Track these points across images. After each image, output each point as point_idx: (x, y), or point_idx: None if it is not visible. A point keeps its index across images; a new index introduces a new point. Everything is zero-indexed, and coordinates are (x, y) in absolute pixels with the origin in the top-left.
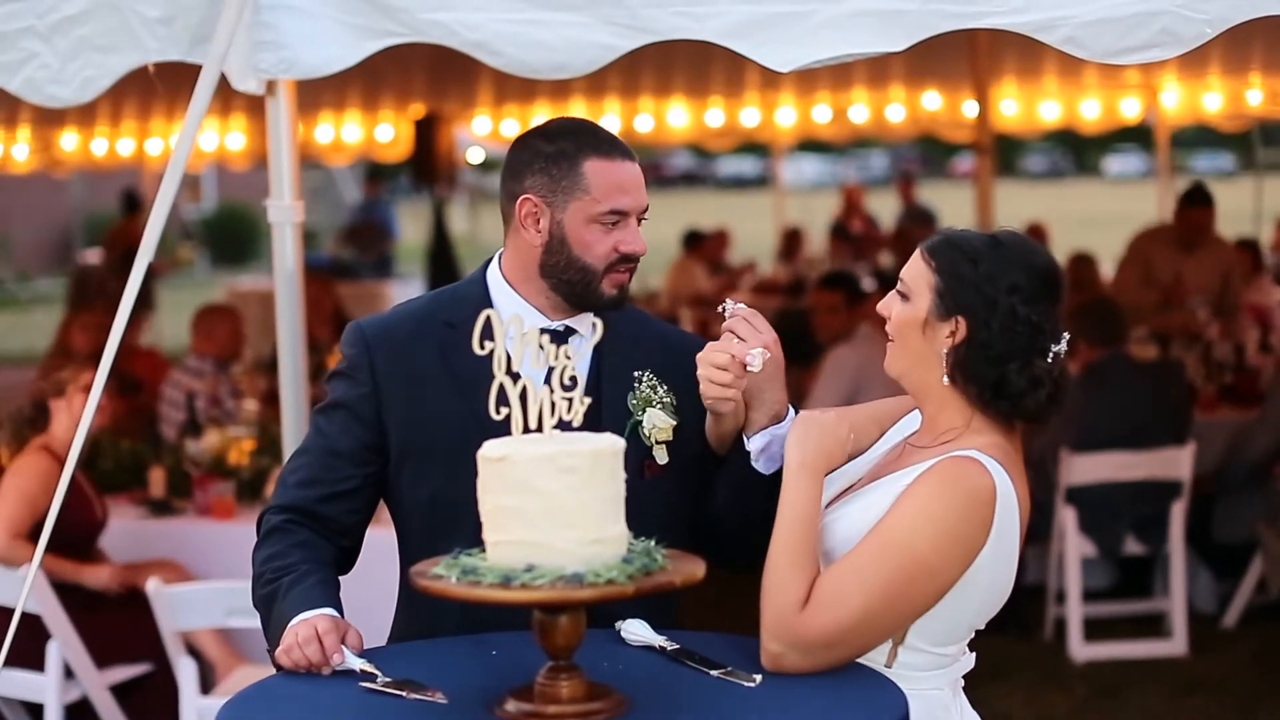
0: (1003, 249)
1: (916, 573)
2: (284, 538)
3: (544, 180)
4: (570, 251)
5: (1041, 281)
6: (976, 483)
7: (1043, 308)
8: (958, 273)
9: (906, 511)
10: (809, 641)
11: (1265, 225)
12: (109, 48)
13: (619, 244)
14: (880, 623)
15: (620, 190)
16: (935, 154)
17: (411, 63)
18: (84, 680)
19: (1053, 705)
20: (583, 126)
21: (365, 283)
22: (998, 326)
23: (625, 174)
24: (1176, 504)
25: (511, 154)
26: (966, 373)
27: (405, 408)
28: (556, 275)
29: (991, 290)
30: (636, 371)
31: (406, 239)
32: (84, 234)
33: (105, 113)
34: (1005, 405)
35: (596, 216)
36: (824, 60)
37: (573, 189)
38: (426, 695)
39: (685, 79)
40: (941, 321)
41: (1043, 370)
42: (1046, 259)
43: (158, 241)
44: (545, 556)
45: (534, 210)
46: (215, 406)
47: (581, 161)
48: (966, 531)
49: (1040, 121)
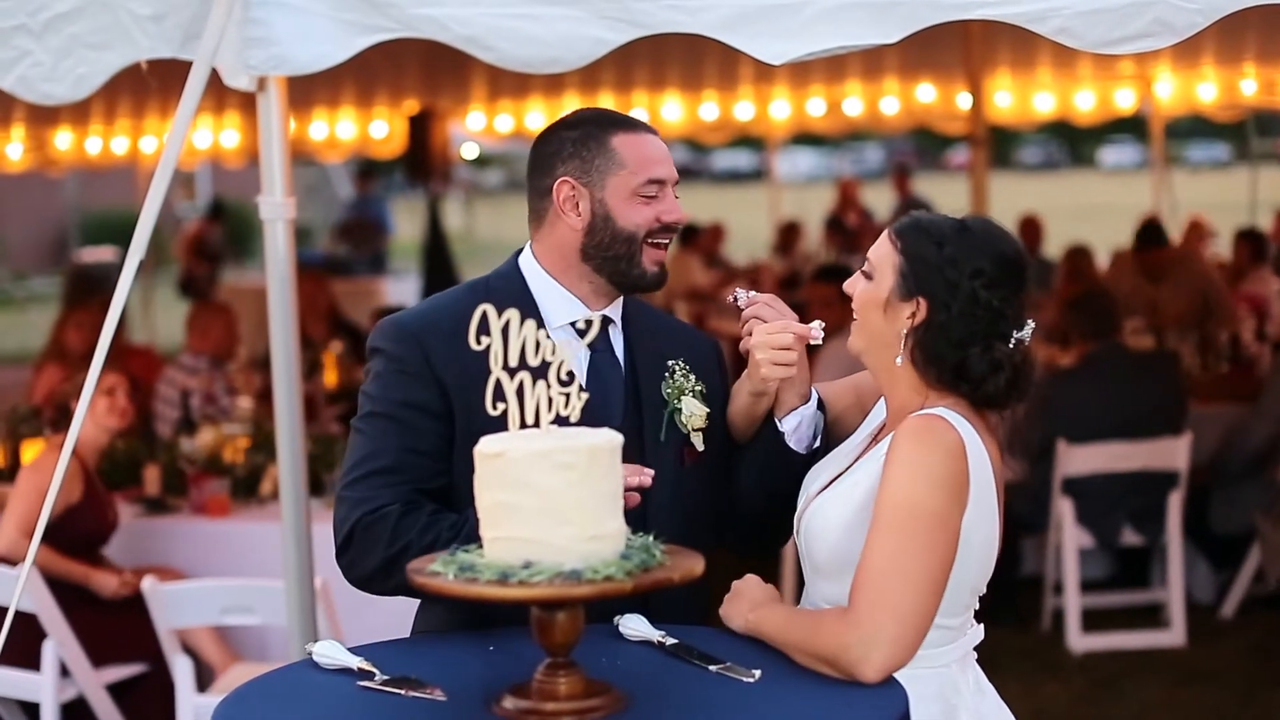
0: (969, 234)
1: (932, 524)
2: (416, 511)
3: (577, 164)
4: (615, 226)
5: (1006, 268)
6: (945, 435)
7: (1005, 294)
8: (922, 255)
9: (894, 475)
10: (874, 627)
11: (1260, 215)
12: (101, 45)
13: (661, 214)
14: (925, 583)
15: (654, 160)
16: (930, 146)
17: (405, 59)
18: (80, 679)
19: (1051, 696)
20: (600, 111)
21: (360, 279)
22: (958, 310)
23: (654, 145)
24: (1173, 494)
25: (537, 149)
26: (926, 354)
27: (465, 402)
28: (601, 255)
29: (954, 274)
30: (670, 361)
31: (401, 235)
32: (79, 233)
33: (99, 111)
34: (966, 389)
35: (636, 189)
36: (817, 52)
37: (608, 166)
38: (425, 693)
39: (679, 73)
40: (903, 302)
41: (1003, 355)
42: (1013, 246)
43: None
44: (543, 553)
45: (573, 193)
46: (210, 404)
47: (609, 139)
48: (952, 474)
49: (1035, 113)
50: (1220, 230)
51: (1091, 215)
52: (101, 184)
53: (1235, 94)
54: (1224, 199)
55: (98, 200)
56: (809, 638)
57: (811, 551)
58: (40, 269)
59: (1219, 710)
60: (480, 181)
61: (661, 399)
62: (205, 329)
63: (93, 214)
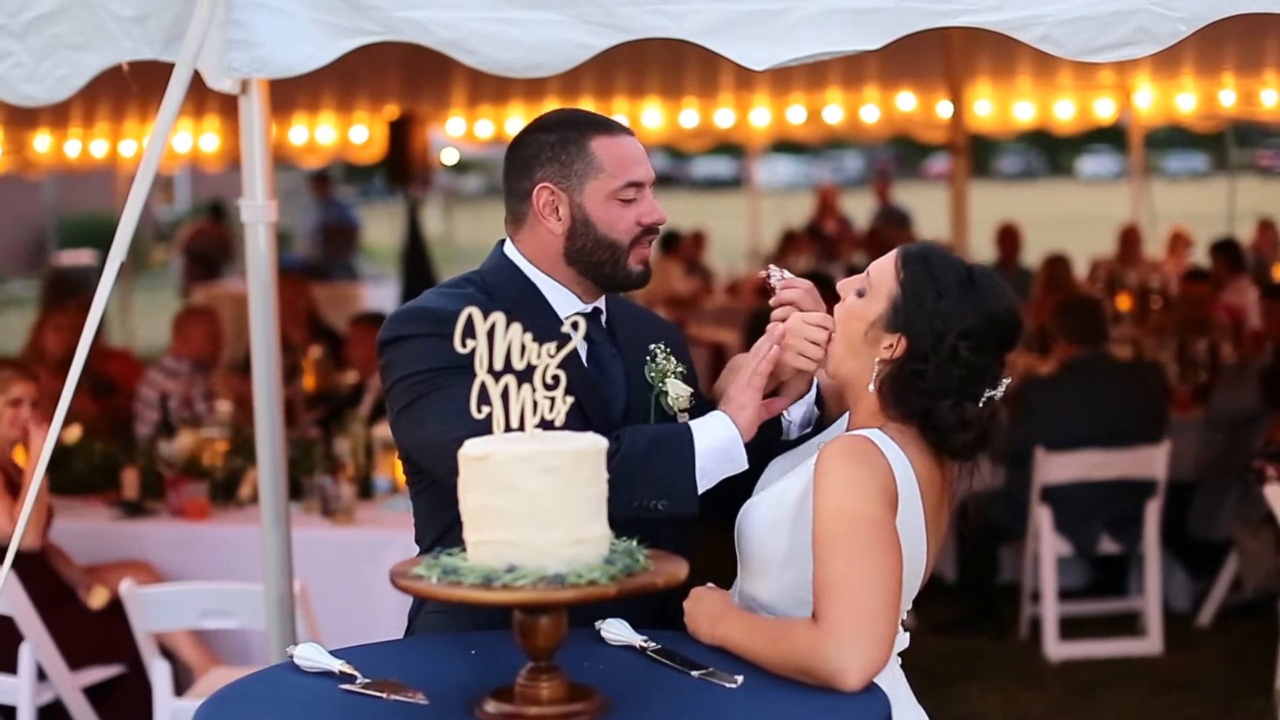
0: (971, 289)
1: (873, 527)
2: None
3: (555, 168)
4: (596, 232)
5: (997, 331)
6: (870, 453)
7: (989, 356)
8: (919, 297)
9: (827, 491)
10: (848, 632)
11: (1239, 225)
12: (83, 46)
13: (640, 216)
14: (886, 582)
15: (632, 162)
16: (909, 155)
17: (386, 64)
18: (57, 682)
19: (1028, 704)
20: (577, 112)
21: (338, 284)
22: (935, 363)
23: (632, 148)
24: (1151, 503)
25: (513, 152)
26: (894, 392)
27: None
28: (584, 259)
29: (943, 327)
30: (651, 345)
31: (380, 240)
32: (57, 236)
33: (78, 114)
34: (932, 437)
35: (615, 192)
36: (800, 58)
37: (586, 170)
38: (406, 696)
39: (659, 80)
40: (886, 332)
41: (973, 414)
42: (1009, 307)
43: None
44: (527, 557)
45: (552, 198)
46: (187, 408)
47: (587, 142)
48: (881, 485)
49: (1014, 122)
50: (1199, 240)
51: (1070, 225)
52: (80, 187)
53: (1214, 105)
54: (1202, 209)
55: (76, 203)
56: (782, 650)
57: (741, 548)
58: (18, 272)
59: (1195, 718)
60: (459, 187)
61: (646, 383)
62: (189, 333)
63: (71, 217)
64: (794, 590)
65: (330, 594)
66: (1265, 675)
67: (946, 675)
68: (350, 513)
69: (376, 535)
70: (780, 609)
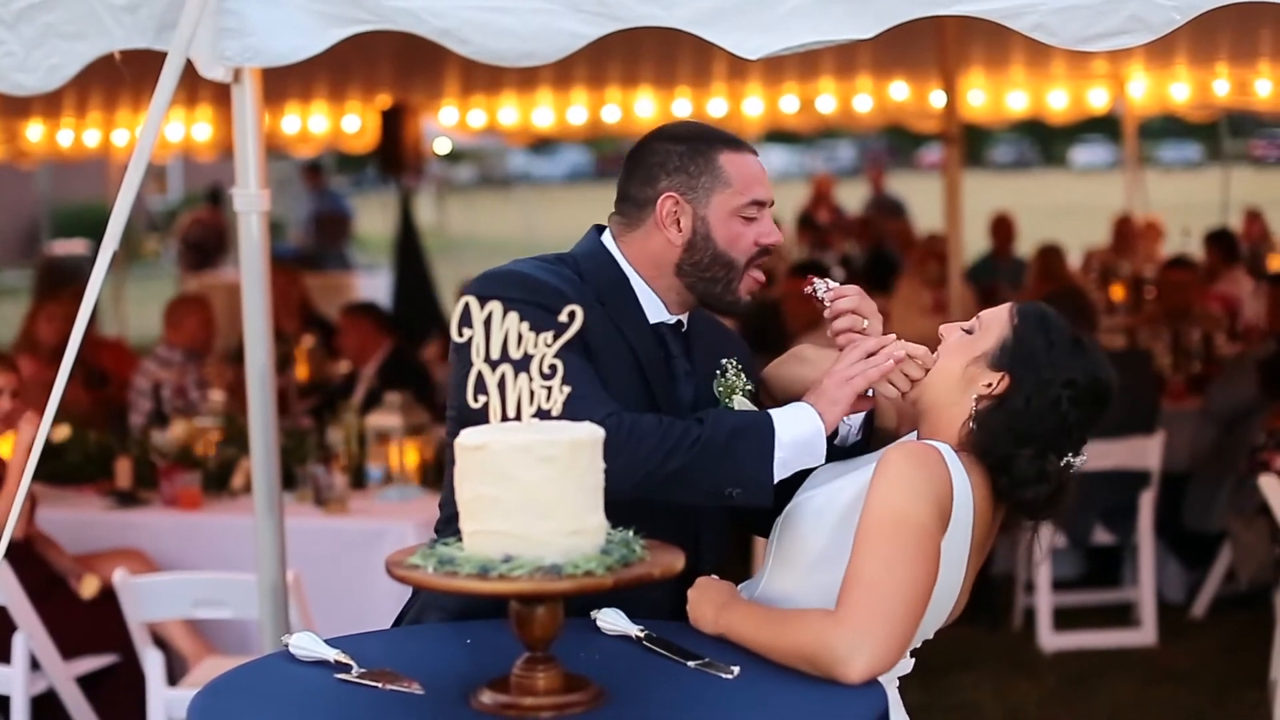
0: (1080, 349)
1: (920, 536)
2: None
3: (682, 178)
4: (715, 247)
5: (1096, 393)
6: (936, 464)
7: (1083, 416)
8: (1031, 341)
9: (883, 487)
10: (864, 628)
11: (1232, 215)
12: (75, 35)
13: (759, 236)
14: (914, 591)
15: (757, 181)
16: (902, 144)
17: (378, 53)
18: (50, 672)
19: (1022, 695)
20: (705, 125)
21: (330, 274)
22: (1035, 406)
23: (757, 166)
24: (1145, 494)
25: (638, 157)
26: (984, 430)
27: (593, 364)
28: (697, 273)
29: (1050, 374)
30: (724, 359)
31: (373, 230)
32: (50, 225)
33: (71, 104)
34: (1006, 483)
35: (738, 209)
36: (793, 47)
37: (713, 183)
38: (402, 685)
39: (652, 69)
40: (990, 370)
41: (1053, 469)
42: (1111, 377)
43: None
44: (523, 547)
45: (675, 209)
46: (180, 397)
47: (716, 156)
48: (938, 496)
49: (1008, 111)
50: (1193, 231)
51: (1064, 215)
52: (73, 176)
53: (1208, 94)
54: (1196, 199)
55: (69, 193)
56: (790, 635)
57: (780, 541)
58: (11, 261)
59: (1190, 709)
60: (452, 176)
61: (713, 396)
62: (182, 322)
63: (64, 207)
64: (823, 589)
65: (323, 583)
66: (1259, 666)
67: (940, 666)
68: (343, 502)
69: (369, 525)
70: (804, 606)
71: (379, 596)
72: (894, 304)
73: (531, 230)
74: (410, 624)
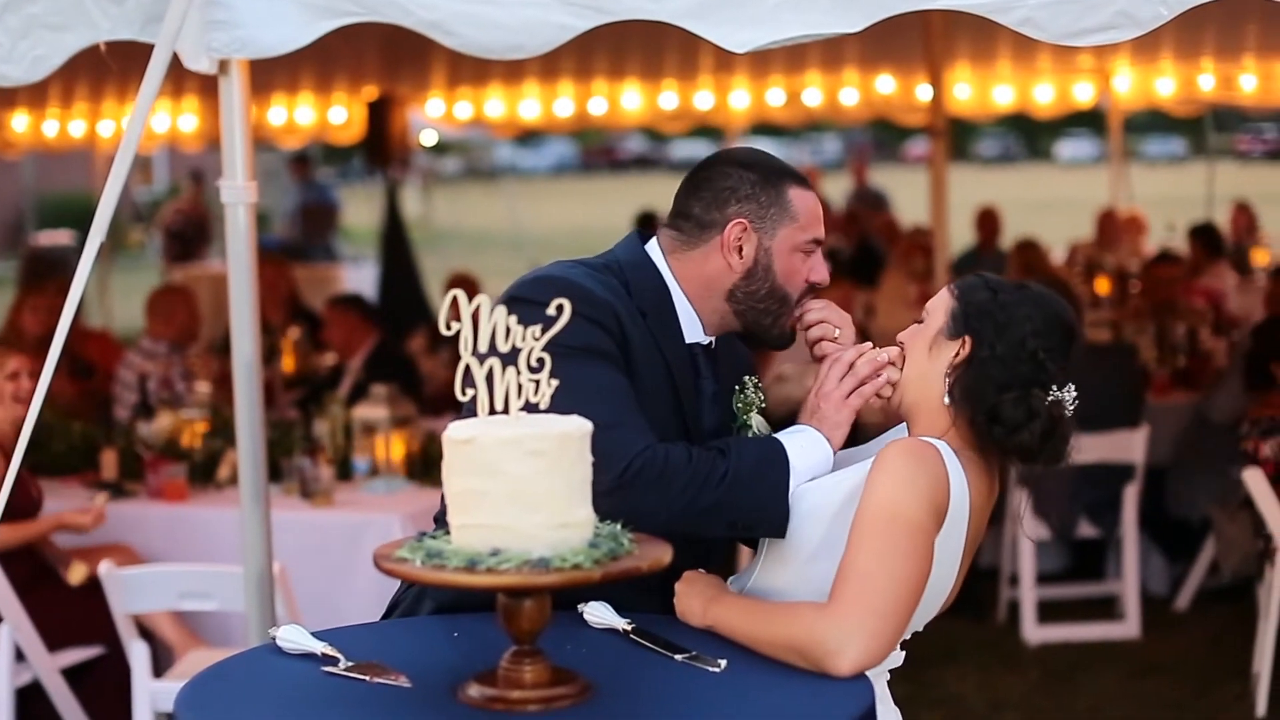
0: (1026, 290)
1: (913, 531)
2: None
3: (754, 207)
4: (774, 279)
5: (1056, 327)
6: (933, 460)
7: (1052, 350)
8: (976, 299)
9: (880, 483)
10: (856, 621)
11: (1217, 210)
12: (61, 26)
13: (810, 273)
14: (907, 586)
15: (818, 220)
16: (888, 138)
17: (365, 45)
18: (35, 663)
19: (1006, 687)
20: (770, 156)
21: (316, 265)
22: (1002, 351)
23: (818, 204)
24: (1129, 487)
25: (706, 178)
26: (965, 392)
27: (631, 378)
28: (750, 302)
29: (1004, 317)
30: (745, 376)
31: (359, 222)
32: (35, 216)
33: (57, 94)
34: (1000, 432)
35: (801, 245)
36: (780, 41)
37: (781, 216)
38: (389, 679)
39: (639, 62)
40: (950, 340)
41: (1039, 404)
42: (1067, 312)
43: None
44: (511, 540)
45: (742, 235)
46: (166, 389)
47: (786, 189)
48: (934, 493)
49: (993, 105)
50: (1177, 225)
51: (1048, 209)
52: (58, 167)
53: (1193, 89)
54: (1180, 194)
55: (54, 183)
56: (779, 627)
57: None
58: None
59: (1173, 701)
60: (438, 169)
61: (732, 412)
62: (167, 314)
63: (49, 197)
64: (816, 583)
65: (309, 576)
66: (1243, 658)
67: (925, 658)
68: (329, 495)
69: (355, 517)
70: (796, 599)
71: (365, 589)
72: (879, 297)
73: (517, 222)
74: (404, 612)
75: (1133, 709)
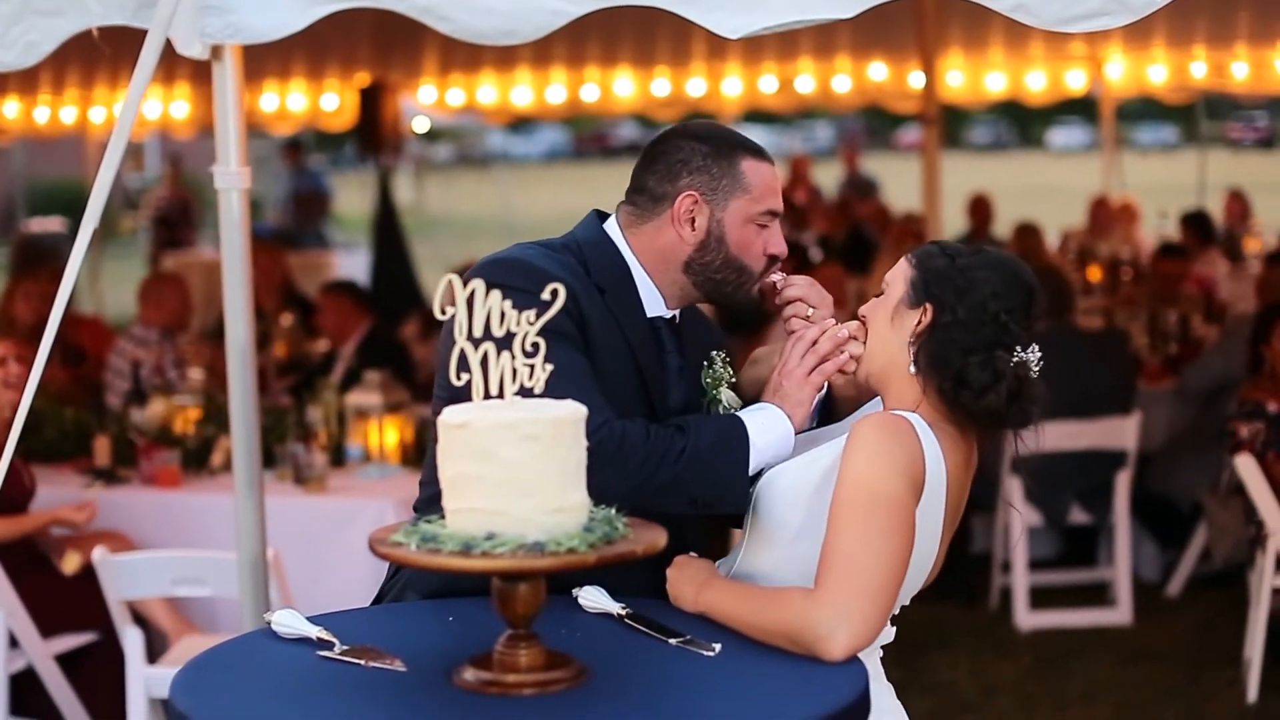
0: (984, 255)
1: (892, 508)
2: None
3: (704, 179)
4: (728, 251)
5: (1016, 288)
6: (905, 433)
7: (1014, 311)
8: (934, 266)
9: (855, 461)
10: (844, 604)
11: (1208, 197)
12: (53, 11)
13: (768, 245)
14: (891, 563)
15: (773, 192)
16: (881, 125)
17: (357, 31)
18: (29, 649)
19: (998, 673)
20: (727, 129)
21: (308, 252)
22: (964, 314)
23: (774, 176)
24: (1121, 474)
25: (659, 151)
26: (930, 359)
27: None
28: (706, 273)
29: (964, 282)
30: (713, 351)
31: (351, 209)
32: (26, 203)
33: (48, 80)
34: (968, 396)
35: (754, 216)
36: (774, 27)
37: (733, 188)
38: (385, 663)
39: (631, 49)
40: (911, 309)
41: (1004, 366)
42: (1026, 272)
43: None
44: (506, 525)
45: (693, 208)
46: (158, 376)
47: (739, 160)
48: (909, 466)
49: (986, 93)
50: (1169, 213)
51: (1041, 196)
52: (49, 154)
53: (1185, 76)
54: (1172, 181)
55: (45, 170)
56: (770, 613)
57: (755, 516)
58: None
59: (1165, 688)
60: (431, 155)
61: (701, 388)
62: (159, 301)
63: (40, 184)
64: (798, 564)
65: (302, 562)
66: (1234, 645)
67: (917, 645)
68: (322, 481)
69: (349, 503)
70: (782, 582)
71: (358, 574)
72: (871, 284)
73: (509, 209)
74: (390, 602)
75: (1124, 695)
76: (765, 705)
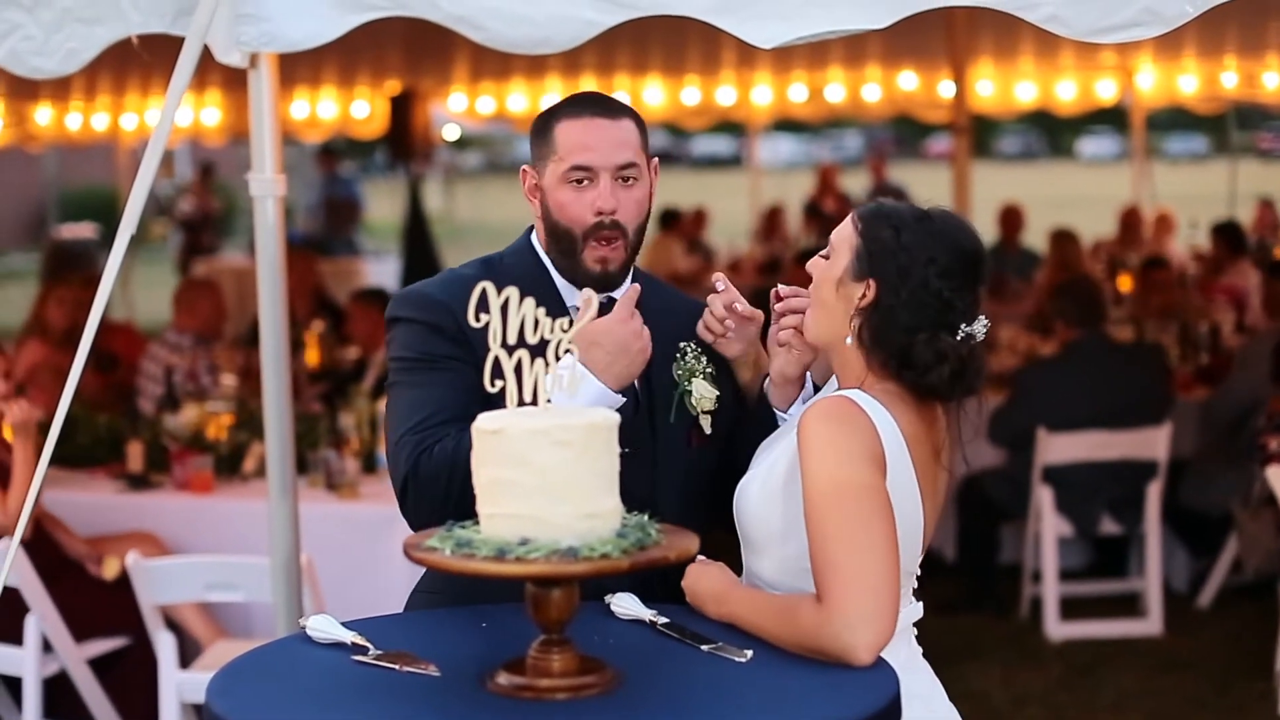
0: (929, 223)
1: (861, 494)
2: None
3: (534, 151)
4: (553, 217)
5: (961, 260)
6: (850, 413)
7: (958, 286)
8: (879, 238)
9: (812, 459)
10: (853, 607)
11: (1239, 208)
12: (92, 19)
13: (594, 203)
14: (882, 551)
15: (583, 146)
16: (910, 134)
17: (388, 39)
18: (62, 654)
19: (1028, 683)
20: (576, 94)
21: (339, 259)
22: (907, 295)
23: (593, 130)
24: (1152, 484)
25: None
26: (873, 337)
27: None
28: (556, 247)
29: (907, 260)
30: (682, 343)
31: (381, 217)
32: (58, 209)
33: (80, 87)
34: (911, 376)
35: (563, 175)
36: (806, 37)
37: (547, 153)
38: (419, 668)
39: (661, 57)
40: (855, 282)
41: (948, 346)
42: (972, 240)
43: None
44: (539, 530)
45: (528, 181)
46: (192, 381)
47: (553, 125)
48: (866, 446)
49: (1016, 102)
50: (1200, 223)
51: (1070, 206)
52: (81, 160)
53: (1216, 86)
54: (1203, 191)
55: (77, 176)
56: (788, 628)
57: (741, 527)
58: (18, 245)
59: (1195, 699)
60: (460, 163)
61: (672, 380)
62: (193, 306)
63: (72, 190)
64: (795, 563)
65: (335, 567)
66: (1265, 656)
67: (947, 654)
68: (354, 487)
69: (381, 509)
70: (784, 585)
71: (391, 580)
72: None
73: None
74: (420, 609)
75: (1154, 706)
76: (796, 710)
